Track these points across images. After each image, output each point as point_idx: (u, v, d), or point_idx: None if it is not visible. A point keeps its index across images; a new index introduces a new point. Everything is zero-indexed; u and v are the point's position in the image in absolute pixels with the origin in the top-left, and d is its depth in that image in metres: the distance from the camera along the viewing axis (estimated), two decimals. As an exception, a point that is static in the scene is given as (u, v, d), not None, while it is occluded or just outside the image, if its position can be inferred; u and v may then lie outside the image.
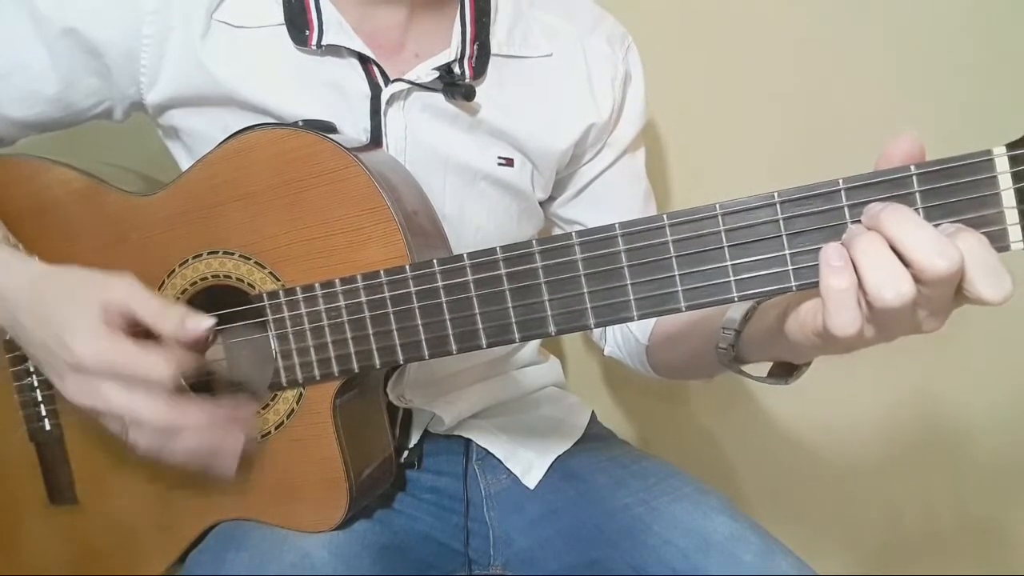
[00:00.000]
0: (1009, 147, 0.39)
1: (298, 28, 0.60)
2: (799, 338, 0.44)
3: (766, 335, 0.49)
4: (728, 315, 0.52)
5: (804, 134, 0.89)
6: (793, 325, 0.44)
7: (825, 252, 0.40)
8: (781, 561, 0.57)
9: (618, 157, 0.71)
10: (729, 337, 0.52)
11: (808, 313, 0.43)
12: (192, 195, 0.57)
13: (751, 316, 0.51)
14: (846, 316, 0.39)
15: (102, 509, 0.63)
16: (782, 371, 0.51)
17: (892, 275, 0.38)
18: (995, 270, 0.38)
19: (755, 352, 0.52)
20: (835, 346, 0.43)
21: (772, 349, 0.50)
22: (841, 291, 0.39)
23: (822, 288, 0.40)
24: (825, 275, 0.40)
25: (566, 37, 0.68)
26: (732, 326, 0.51)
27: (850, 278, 0.39)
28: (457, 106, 0.63)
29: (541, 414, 0.75)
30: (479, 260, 0.48)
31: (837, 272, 0.39)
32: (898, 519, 1.00)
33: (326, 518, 0.57)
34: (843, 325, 0.39)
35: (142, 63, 0.60)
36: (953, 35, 0.85)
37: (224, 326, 0.60)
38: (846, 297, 0.39)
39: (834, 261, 0.39)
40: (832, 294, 0.39)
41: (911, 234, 0.38)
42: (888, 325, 0.40)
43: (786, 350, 0.48)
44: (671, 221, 0.44)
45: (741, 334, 0.51)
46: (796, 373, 0.50)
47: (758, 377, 0.52)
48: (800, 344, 0.44)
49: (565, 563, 0.65)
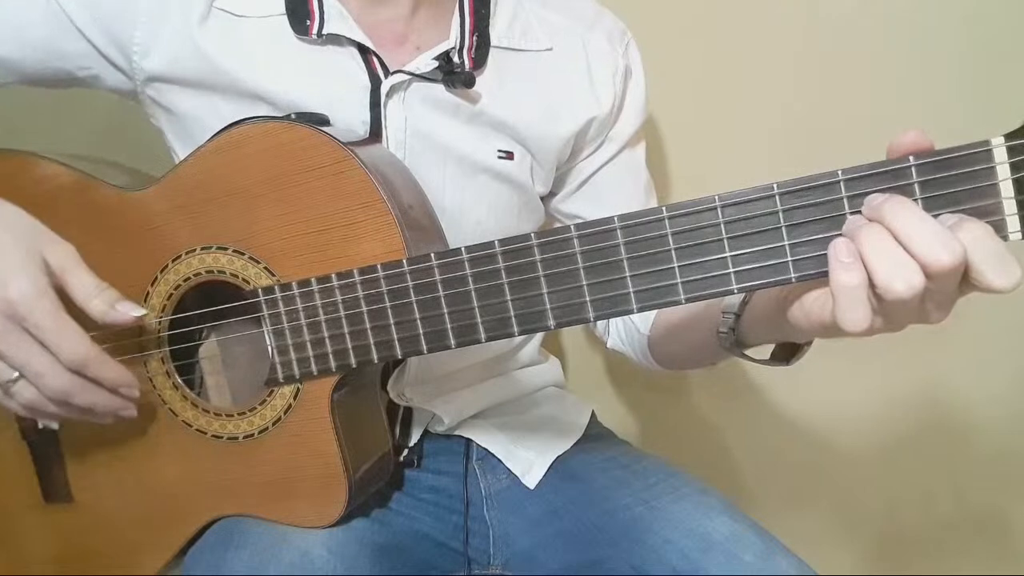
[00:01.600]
0: (1007, 137, 0.39)
1: (299, 17, 0.61)
2: (803, 325, 0.44)
3: (766, 319, 0.49)
4: (727, 300, 0.52)
5: (804, 127, 0.89)
6: (798, 314, 0.44)
7: (835, 248, 0.39)
8: (781, 561, 0.56)
9: (619, 151, 0.71)
10: (729, 321, 0.52)
11: (815, 304, 0.42)
12: (185, 189, 0.56)
13: (749, 299, 0.51)
14: (859, 313, 0.39)
15: (97, 507, 0.62)
16: (784, 352, 0.51)
17: (902, 266, 0.37)
18: (1002, 258, 0.37)
19: (756, 335, 0.52)
20: (839, 333, 0.42)
21: (773, 332, 0.50)
22: (853, 287, 0.39)
23: (833, 285, 0.39)
24: (835, 271, 0.39)
25: (566, 33, 0.68)
26: (731, 310, 0.52)
27: (860, 274, 0.39)
28: (457, 96, 0.63)
29: (541, 414, 0.75)
30: (477, 254, 0.48)
31: (848, 268, 0.39)
32: (898, 513, 0.99)
33: (324, 514, 0.56)
34: (855, 321, 0.39)
35: (135, 40, 0.60)
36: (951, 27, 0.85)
37: (219, 322, 0.59)
38: (858, 293, 0.39)
39: (844, 257, 0.39)
40: (843, 290, 0.39)
41: (914, 227, 0.37)
42: (896, 315, 0.40)
43: (788, 333, 0.48)
44: (670, 213, 0.44)
45: (741, 317, 0.51)
46: (798, 354, 0.50)
47: (760, 360, 0.52)
48: (803, 330, 0.44)
49: (565, 563, 0.64)
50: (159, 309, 0.58)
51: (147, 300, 0.58)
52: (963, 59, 0.85)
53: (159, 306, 0.58)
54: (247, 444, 0.57)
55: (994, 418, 0.93)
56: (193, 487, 0.59)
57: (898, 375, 0.93)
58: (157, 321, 0.58)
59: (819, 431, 0.98)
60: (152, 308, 0.58)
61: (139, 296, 0.57)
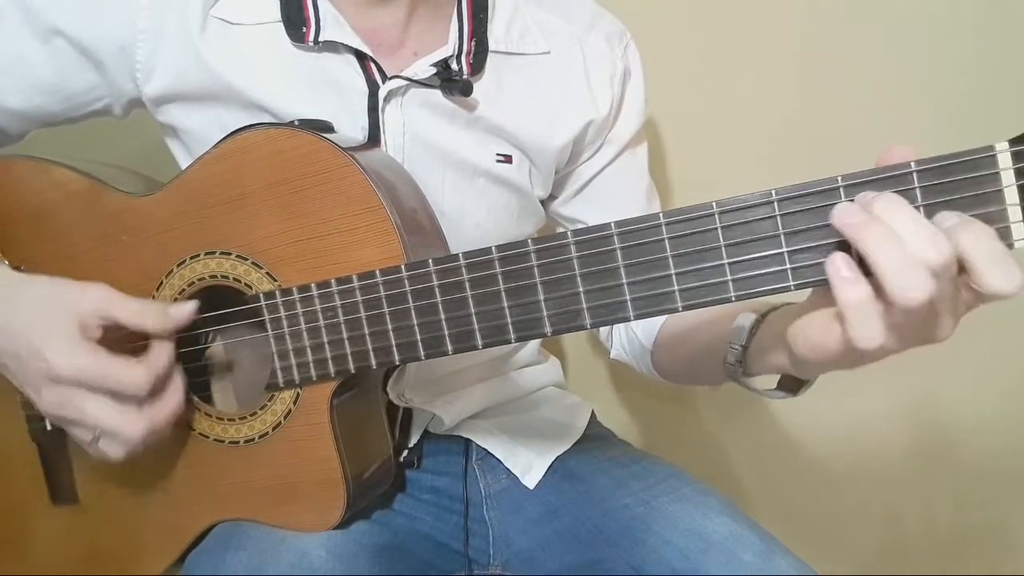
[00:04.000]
0: (1012, 143, 0.38)
1: (295, 25, 0.60)
2: (809, 356, 0.42)
3: (772, 349, 0.48)
4: (735, 326, 0.51)
5: (805, 130, 0.88)
6: (803, 345, 0.42)
7: (833, 265, 0.38)
8: (781, 561, 0.56)
9: (618, 154, 0.70)
10: (736, 352, 0.50)
11: (819, 332, 0.41)
12: (189, 195, 0.57)
13: (756, 330, 0.50)
14: (872, 327, 0.37)
15: (103, 509, 0.63)
16: (791, 384, 0.50)
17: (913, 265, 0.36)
18: (1004, 260, 0.36)
19: (761, 365, 0.50)
20: (845, 362, 0.41)
21: (778, 362, 0.48)
22: (862, 301, 0.37)
23: (840, 303, 0.38)
24: (840, 288, 0.38)
25: (564, 35, 0.68)
26: (739, 341, 0.50)
27: (866, 287, 0.37)
28: (455, 102, 0.62)
29: (541, 414, 0.75)
30: (475, 260, 0.48)
31: (851, 283, 0.37)
32: (899, 523, 0.99)
33: (324, 519, 0.57)
34: (870, 337, 0.37)
35: (137, 59, 0.60)
36: (954, 30, 0.84)
37: (221, 326, 0.60)
38: (867, 306, 0.37)
39: (845, 272, 0.38)
40: (852, 307, 0.38)
41: (905, 225, 0.37)
42: (906, 327, 0.38)
43: (792, 365, 0.46)
44: (667, 220, 0.43)
45: (748, 349, 0.50)
46: (805, 386, 0.49)
47: (765, 391, 0.51)
48: (810, 361, 0.43)
49: (565, 563, 0.64)
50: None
51: (151, 304, 0.58)
52: (967, 63, 0.84)
53: (162, 310, 0.58)
54: (248, 448, 0.57)
55: (994, 431, 0.93)
56: (196, 490, 0.59)
57: (900, 388, 0.92)
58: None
59: (821, 442, 0.98)
60: None
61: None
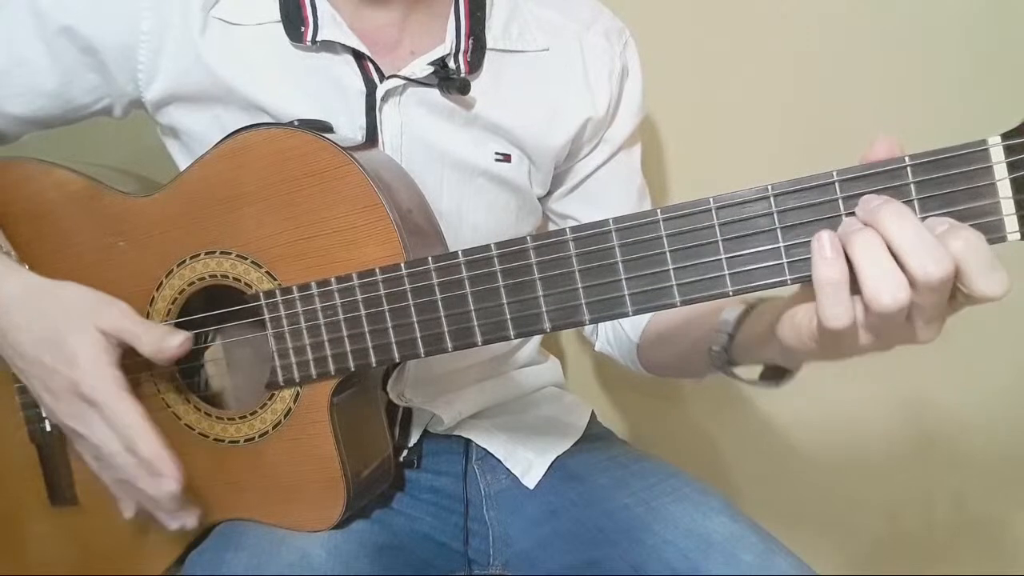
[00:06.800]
0: (1004, 137, 0.39)
1: (293, 24, 0.61)
2: (794, 343, 0.43)
3: (759, 339, 0.48)
4: (722, 317, 0.51)
5: (803, 128, 0.89)
6: (788, 330, 0.43)
7: (818, 241, 0.39)
8: (781, 561, 0.56)
9: (614, 153, 0.71)
10: (722, 340, 0.51)
11: (804, 317, 0.42)
12: (189, 196, 0.57)
13: (744, 320, 0.51)
14: (840, 308, 0.39)
15: (102, 510, 0.62)
16: (773, 375, 0.50)
17: (890, 276, 0.37)
18: (992, 265, 0.37)
19: (747, 355, 0.51)
20: (830, 351, 0.42)
21: (765, 353, 0.49)
22: (833, 283, 0.39)
23: (814, 278, 0.39)
24: (817, 264, 0.39)
25: (563, 32, 0.68)
26: (726, 329, 0.51)
27: (842, 270, 0.39)
28: (453, 101, 0.63)
29: (541, 414, 0.75)
30: (474, 257, 0.48)
31: (829, 263, 0.39)
32: (896, 518, 0.99)
33: (324, 517, 0.57)
34: (836, 316, 0.39)
35: (140, 60, 0.61)
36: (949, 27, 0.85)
37: (221, 326, 0.60)
38: (838, 289, 0.39)
39: (827, 252, 0.39)
40: (823, 286, 0.39)
41: (909, 238, 0.37)
42: (884, 329, 0.40)
43: (779, 354, 0.47)
44: (665, 215, 0.44)
45: (735, 338, 0.51)
46: (787, 377, 0.50)
47: (749, 380, 0.52)
48: (794, 349, 0.44)
49: (565, 563, 0.64)
50: (164, 313, 0.58)
51: (152, 304, 0.58)
52: (961, 59, 0.85)
53: (164, 310, 0.58)
54: (248, 448, 0.58)
55: (991, 426, 0.93)
56: (196, 490, 0.59)
57: (895, 382, 0.92)
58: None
59: (816, 438, 0.98)
60: (157, 312, 0.58)
61: (145, 300, 0.58)
